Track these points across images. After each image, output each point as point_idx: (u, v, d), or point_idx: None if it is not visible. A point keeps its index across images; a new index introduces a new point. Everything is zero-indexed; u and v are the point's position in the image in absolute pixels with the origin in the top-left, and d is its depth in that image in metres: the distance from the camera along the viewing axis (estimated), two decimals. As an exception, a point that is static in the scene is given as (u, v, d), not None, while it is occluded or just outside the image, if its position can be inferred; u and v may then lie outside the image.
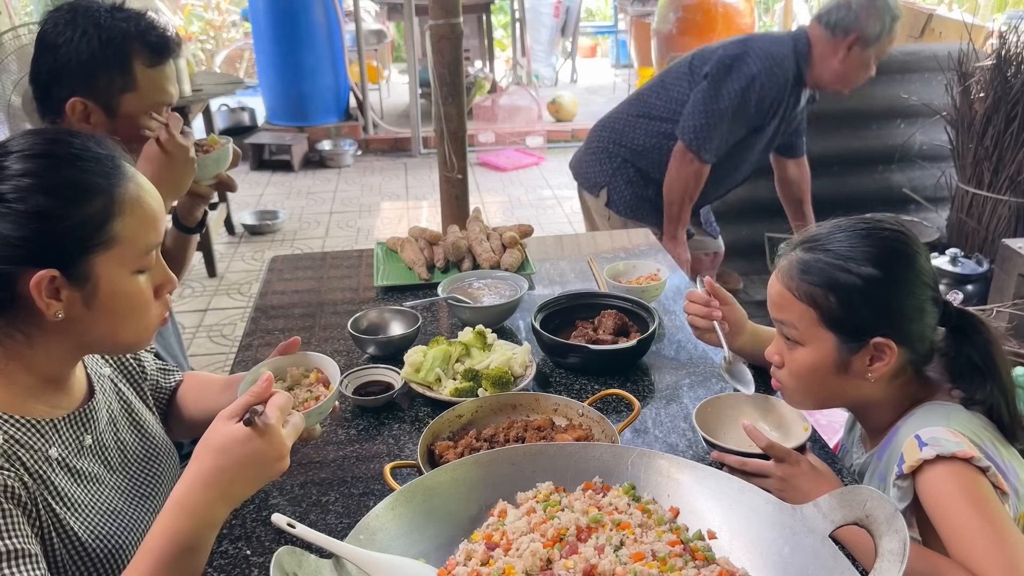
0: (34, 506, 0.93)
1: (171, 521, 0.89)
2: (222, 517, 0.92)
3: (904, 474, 1.04)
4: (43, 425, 0.98)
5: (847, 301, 1.09)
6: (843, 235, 1.13)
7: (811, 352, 1.14)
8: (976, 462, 1.00)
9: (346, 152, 6.30)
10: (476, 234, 2.02)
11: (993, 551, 0.93)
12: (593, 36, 9.99)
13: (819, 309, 1.11)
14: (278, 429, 0.92)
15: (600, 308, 1.65)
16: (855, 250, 1.10)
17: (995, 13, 6.37)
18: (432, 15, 2.74)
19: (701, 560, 0.85)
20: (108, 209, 0.93)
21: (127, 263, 0.96)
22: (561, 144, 6.67)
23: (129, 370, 1.26)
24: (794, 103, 2.46)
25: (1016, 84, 2.94)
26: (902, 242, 1.12)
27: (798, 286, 1.13)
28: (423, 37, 5.97)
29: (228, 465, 0.90)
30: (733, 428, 1.26)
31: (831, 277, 1.10)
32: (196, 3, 8.49)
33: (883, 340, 1.09)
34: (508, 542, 0.88)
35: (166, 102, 1.53)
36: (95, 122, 1.46)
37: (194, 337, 3.63)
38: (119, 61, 1.44)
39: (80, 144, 0.95)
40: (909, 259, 1.11)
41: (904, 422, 1.14)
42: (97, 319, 0.96)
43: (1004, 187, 3.07)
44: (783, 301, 1.16)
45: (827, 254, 1.12)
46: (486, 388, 1.39)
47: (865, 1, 2.27)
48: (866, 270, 1.08)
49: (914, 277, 1.10)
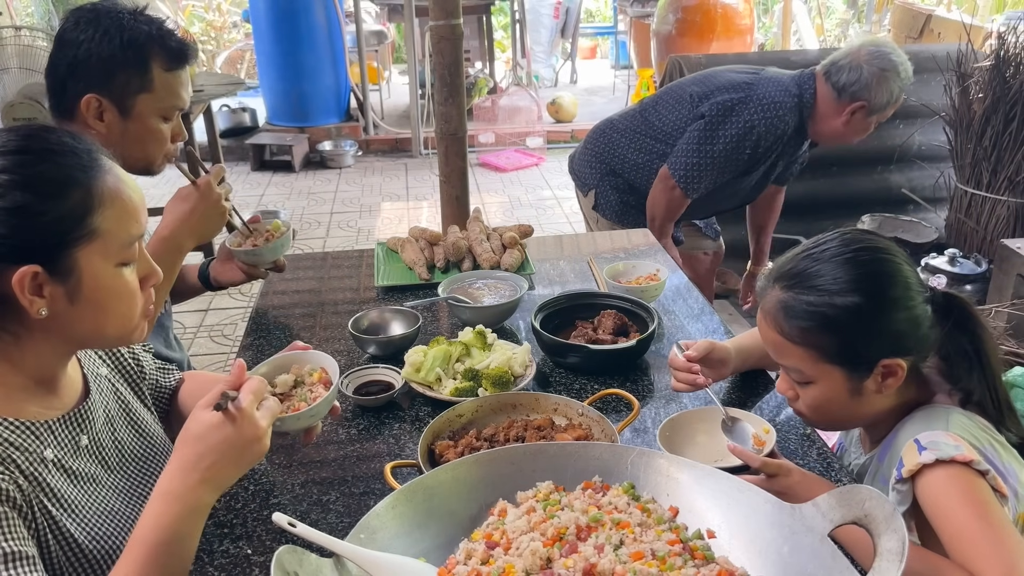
0: (29, 509, 0.92)
1: (157, 510, 0.90)
2: (208, 502, 0.93)
3: (903, 478, 1.04)
4: (37, 427, 0.98)
5: (843, 336, 1.07)
6: (820, 266, 1.09)
7: (822, 388, 1.12)
8: (975, 466, 0.99)
9: (347, 153, 6.30)
10: (476, 234, 2.02)
11: (993, 554, 0.93)
12: (593, 37, 10.00)
13: (818, 349, 1.09)
14: (251, 412, 0.93)
15: (600, 308, 1.65)
16: (837, 282, 1.07)
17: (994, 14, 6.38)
18: (432, 16, 2.74)
19: (700, 559, 0.86)
20: (87, 202, 0.93)
21: (110, 256, 0.95)
22: (561, 145, 6.67)
23: (127, 370, 1.25)
24: (793, 149, 2.45)
25: (1015, 85, 2.95)
26: (881, 261, 1.09)
27: (790, 330, 1.10)
28: (423, 38, 5.97)
29: (205, 451, 0.91)
30: (694, 446, 1.25)
31: (820, 316, 1.07)
32: (197, 4, 8.50)
33: (891, 360, 1.08)
34: (508, 541, 0.88)
35: (179, 106, 1.56)
36: (108, 120, 1.48)
37: (195, 337, 3.64)
38: (138, 62, 1.47)
39: (56, 139, 0.95)
40: (893, 276, 1.08)
41: (903, 425, 1.13)
42: (82, 314, 0.95)
43: (1003, 187, 3.07)
44: (780, 348, 1.14)
45: (809, 291, 1.09)
46: (486, 388, 1.40)
47: (877, 71, 2.19)
48: (853, 300, 1.06)
49: (903, 291, 1.08)
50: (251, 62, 7.85)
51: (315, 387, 1.15)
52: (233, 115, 6.48)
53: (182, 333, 3.64)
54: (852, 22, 7.87)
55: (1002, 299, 2.60)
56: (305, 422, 1.12)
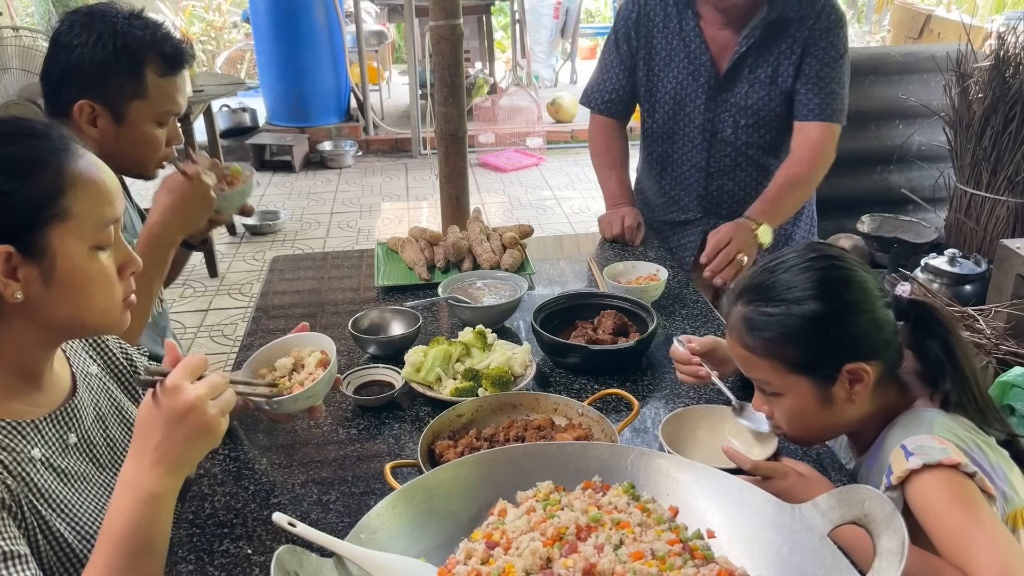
0: (19, 508, 0.93)
1: (118, 502, 0.89)
2: (168, 486, 0.90)
3: (893, 485, 1.04)
4: (24, 426, 0.98)
5: (804, 344, 1.08)
6: (778, 277, 1.11)
7: (792, 399, 1.13)
8: (963, 468, 1.00)
9: (347, 153, 6.30)
10: (476, 234, 2.03)
11: (985, 554, 0.93)
12: (593, 37, 9.98)
13: (782, 360, 1.10)
14: (182, 384, 0.91)
15: (600, 308, 1.65)
16: (793, 291, 1.08)
17: (993, 14, 6.38)
18: (432, 16, 2.74)
19: (700, 559, 0.86)
20: (58, 183, 0.93)
21: (84, 238, 0.95)
22: (561, 145, 6.68)
23: (118, 368, 1.25)
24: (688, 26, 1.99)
25: (1014, 85, 2.95)
26: (836, 268, 1.10)
27: (753, 344, 1.12)
28: (423, 38, 5.97)
29: (148, 434, 0.90)
30: (695, 443, 1.25)
31: (780, 326, 1.08)
32: (197, 4, 8.50)
33: (854, 365, 1.08)
34: (508, 541, 0.88)
35: (174, 112, 1.54)
36: (102, 126, 1.48)
37: (195, 337, 3.64)
38: (132, 68, 1.45)
39: (26, 123, 0.96)
40: (848, 280, 1.09)
41: (889, 431, 1.14)
42: (59, 298, 0.95)
43: (1002, 187, 3.07)
44: (747, 362, 1.15)
45: (768, 303, 1.10)
46: (486, 388, 1.40)
47: None
48: (810, 307, 1.07)
49: (860, 295, 1.09)
50: (251, 62, 7.85)
51: (315, 369, 1.17)
52: (233, 115, 6.48)
53: (182, 333, 3.65)
54: (852, 22, 7.88)
55: (1002, 299, 2.60)
56: (303, 403, 1.14)
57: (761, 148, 2.06)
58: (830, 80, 1.93)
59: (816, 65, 1.92)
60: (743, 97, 1.99)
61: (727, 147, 2.07)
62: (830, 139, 1.98)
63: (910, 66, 3.57)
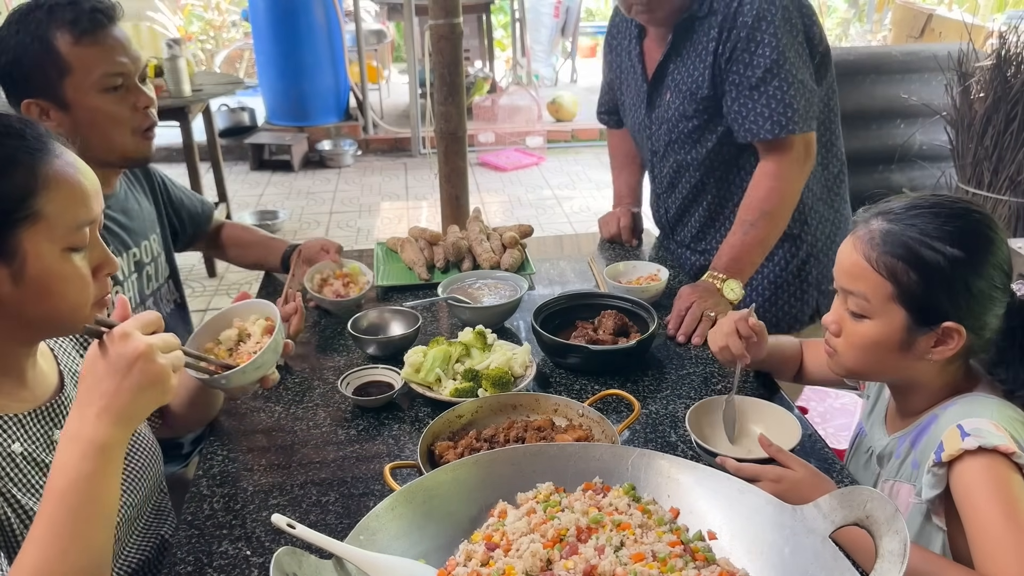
0: None
1: (60, 456, 0.88)
2: (114, 437, 0.89)
3: (942, 462, 1.03)
4: (5, 420, 0.98)
5: (928, 280, 1.06)
6: (927, 212, 1.09)
7: (877, 326, 1.11)
8: (1016, 458, 0.99)
9: (346, 152, 6.30)
10: (476, 234, 2.02)
11: (1013, 556, 0.93)
12: (593, 36, 9.98)
13: (898, 284, 1.08)
14: (132, 332, 0.90)
15: (600, 308, 1.65)
16: (941, 229, 1.07)
17: (995, 13, 6.38)
18: (432, 15, 2.74)
19: (701, 561, 0.85)
20: (30, 183, 0.92)
21: (56, 239, 0.94)
22: (561, 144, 6.67)
23: None
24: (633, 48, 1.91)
25: (1016, 84, 2.94)
26: (987, 225, 1.09)
27: (879, 257, 1.09)
28: (423, 37, 5.96)
29: (94, 383, 0.89)
30: (721, 431, 1.29)
31: (916, 253, 1.07)
32: (196, 3, 8.49)
33: (954, 325, 1.07)
34: (508, 543, 0.88)
35: (118, 72, 1.42)
36: (55, 118, 1.40)
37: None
38: (42, 48, 1.36)
39: (3, 121, 0.94)
40: (992, 243, 1.08)
41: (944, 410, 1.12)
42: (30, 298, 0.94)
43: (1004, 187, 3.07)
44: (858, 271, 1.12)
45: (912, 228, 1.08)
46: (486, 388, 1.39)
47: None
48: (951, 251, 1.05)
49: (995, 263, 1.08)
50: (250, 61, 7.85)
51: (261, 338, 1.15)
52: (232, 114, 6.48)
53: (182, 333, 3.64)
54: (853, 21, 7.88)
55: (1003, 299, 2.60)
56: (251, 375, 1.12)
57: (696, 167, 1.87)
58: (766, 85, 1.64)
59: (745, 72, 1.66)
60: (666, 108, 1.84)
61: (664, 164, 1.94)
62: (789, 156, 1.70)
63: (911, 65, 3.57)
